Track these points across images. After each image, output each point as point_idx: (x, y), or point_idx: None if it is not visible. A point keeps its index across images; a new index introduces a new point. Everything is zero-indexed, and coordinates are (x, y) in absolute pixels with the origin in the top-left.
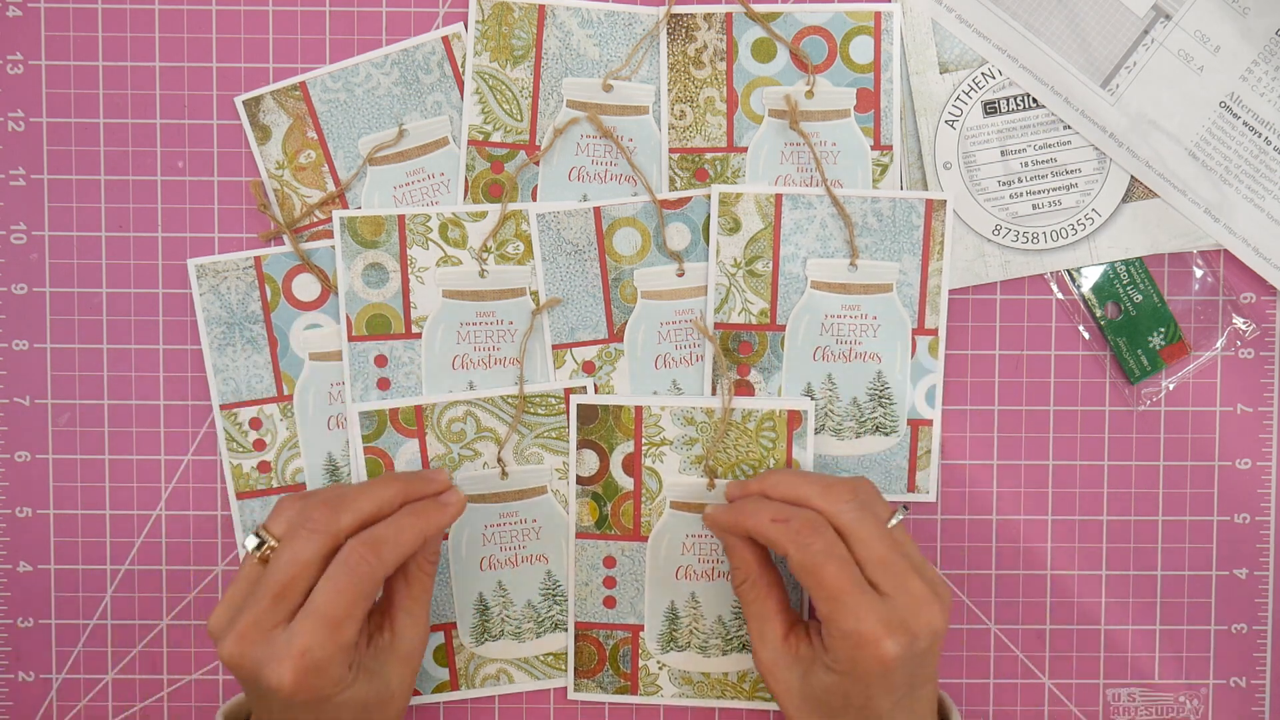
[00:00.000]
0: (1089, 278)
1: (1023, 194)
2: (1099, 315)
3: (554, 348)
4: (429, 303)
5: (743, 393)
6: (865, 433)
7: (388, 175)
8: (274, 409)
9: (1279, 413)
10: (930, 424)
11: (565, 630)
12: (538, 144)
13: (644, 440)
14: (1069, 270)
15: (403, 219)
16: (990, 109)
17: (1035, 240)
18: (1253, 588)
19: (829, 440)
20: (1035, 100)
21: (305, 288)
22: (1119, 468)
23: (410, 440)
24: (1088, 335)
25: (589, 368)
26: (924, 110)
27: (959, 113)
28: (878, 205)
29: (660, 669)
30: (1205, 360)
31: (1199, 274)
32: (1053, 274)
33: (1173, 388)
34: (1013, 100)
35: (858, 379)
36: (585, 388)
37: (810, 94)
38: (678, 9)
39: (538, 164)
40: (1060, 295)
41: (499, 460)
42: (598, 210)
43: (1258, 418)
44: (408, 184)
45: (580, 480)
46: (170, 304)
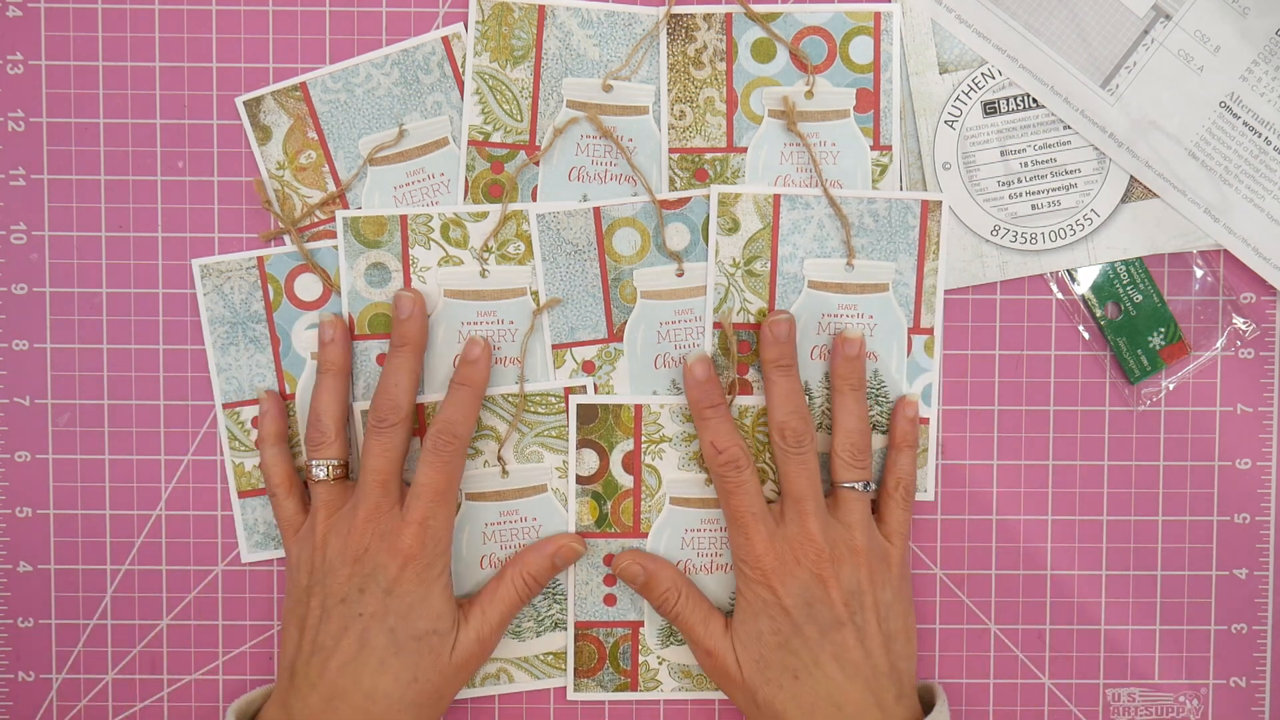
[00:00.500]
0: (1089, 278)
1: (1022, 194)
2: (1099, 315)
3: (554, 347)
4: (430, 302)
5: (742, 391)
6: None
7: (388, 175)
8: None
9: (1279, 413)
10: (927, 423)
11: (565, 629)
12: (538, 144)
13: (644, 438)
14: (1069, 270)
15: (405, 219)
16: (990, 109)
17: (1034, 241)
18: (1253, 588)
19: (826, 438)
20: (1035, 100)
21: (307, 287)
22: (1119, 468)
23: (412, 438)
24: (1088, 335)
25: (589, 367)
26: (923, 110)
27: (958, 113)
28: (874, 206)
29: (660, 664)
30: (1205, 360)
31: (1199, 274)
32: (1053, 274)
33: (1173, 388)
34: (1012, 100)
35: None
36: (585, 387)
37: (810, 94)
38: (678, 9)
39: (538, 164)
40: (1060, 295)
41: (499, 458)
42: (598, 210)
43: (1258, 418)
44: (408, 184)
45: (580, 480)
46: (170, 304)
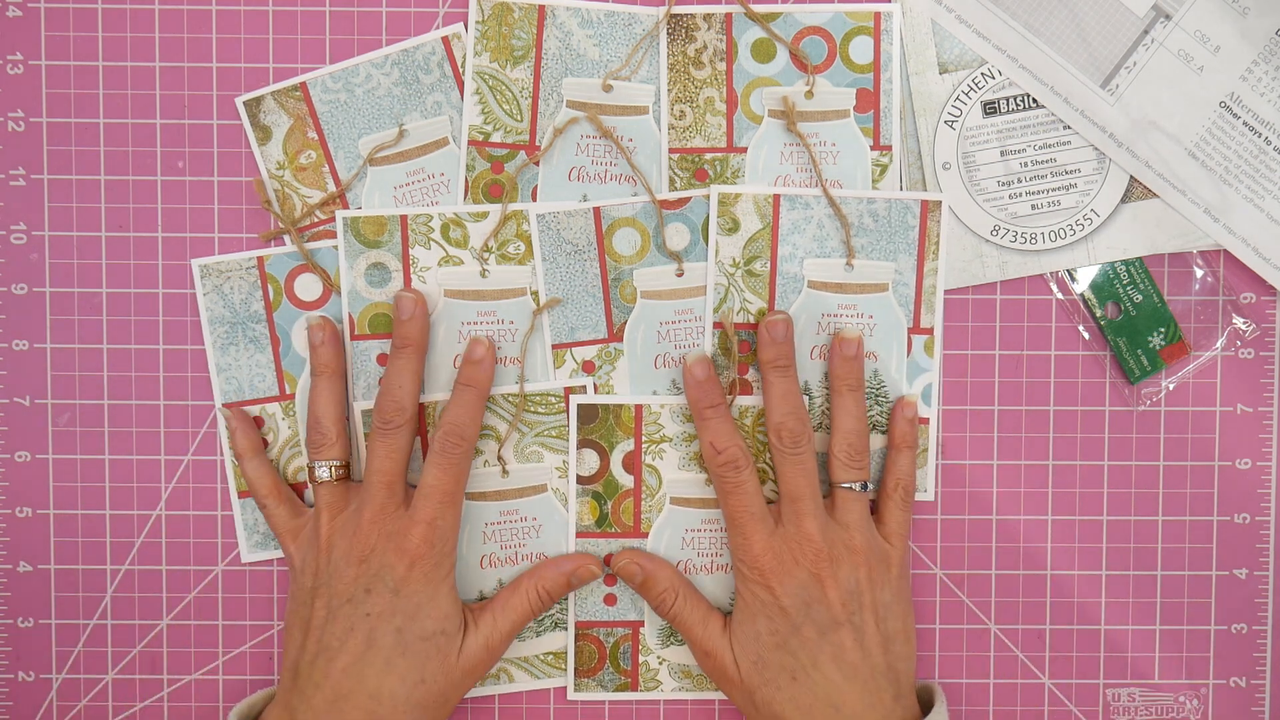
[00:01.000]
0: (1088, 278)
1: (1022, 194)
2: (1099, 315)
3: (554, 347)
4: (431, 302)
5: (743, 392)
6: None
7: (388, 175)
8: (276, 408)
9: (1279, 413)
10: (927, 423)
11: (565, 629)
12: (538, 144)
13: (644, 438)
14: (1069, 270)
15: (405, 219)
16: (990, 109)
17: (1033, 241)
18: (1253, 588)
19: (826, 438)
20: (1035, 100)
21: (307, 287)
22: (1119, 468)
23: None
24: (1088, 335)
25: (589, 367)
26: (923, 110)
27: (958, 113)
28: (873, 206)
29: (660, 664)
30: (1205, 360)
31: (1199, 274)
32: (1053, 274)
33: (1173, 388)
34: (1012, 100)
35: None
36: (585, 387)
37: (810, 94)
38: (678, 9)
39: (538, 164)
40: (1060, 295)
41: (499, 458)
42: (598, 210)
43: (1258, 418)
44: (408, 184)
45: (581, 480)
46: (171, 304)
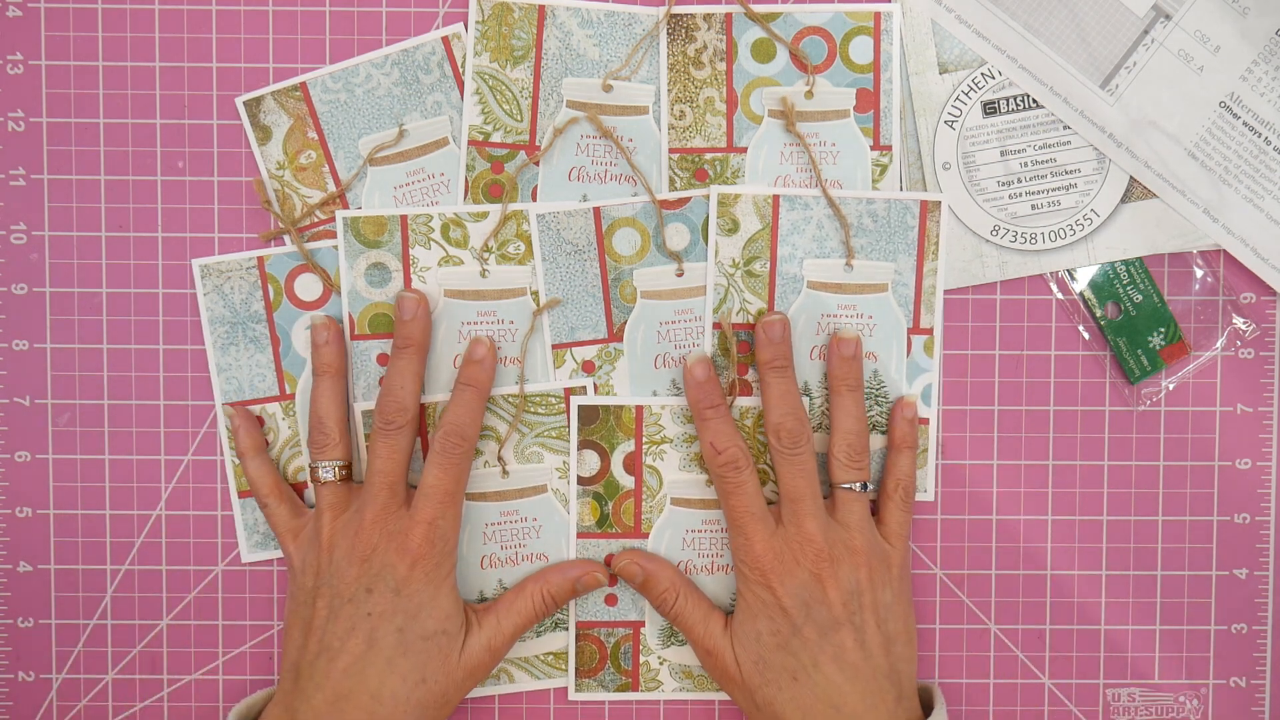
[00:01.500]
0: (1088, 278)
1: (1022, 194)
2: (1099, 315)
3: (554, 347)
4: (431, 302)
5: (743, 392)
6: None
7: (388, 175)
8: (276, 408)
9: (1279, 413)
10: (927, 423)
11: (566, 630)
12: (538, 144)
13: (645, 439)
14: (1069, 270)
15: (405, 219)
16: (990, 109)
17: (1033, 241)
18: (1253, 588)
19: (825, 439)
20: (1035, 100)
21: (307, 288)
22: (1119, 468)
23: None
24: (1088, 335)
25: (589, 367)
26: (923, 110)
27: (958, 113)
28: (873, 206)
29: (661, 664)
30: (1205, 360)
31: (1199, 274)
32: (1052, 274)
33: (1173, 388)
34: (1012, 100)
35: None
36: (585, 387)
37: (810, 94)
38: (678, 9)
39: (538, 164)
40: (1060, 295)
41: (499, 459)
42: (597, 210)
43: (1258, 418)
44: (408, 184)
45: (581, 480)
46: (171, 304)
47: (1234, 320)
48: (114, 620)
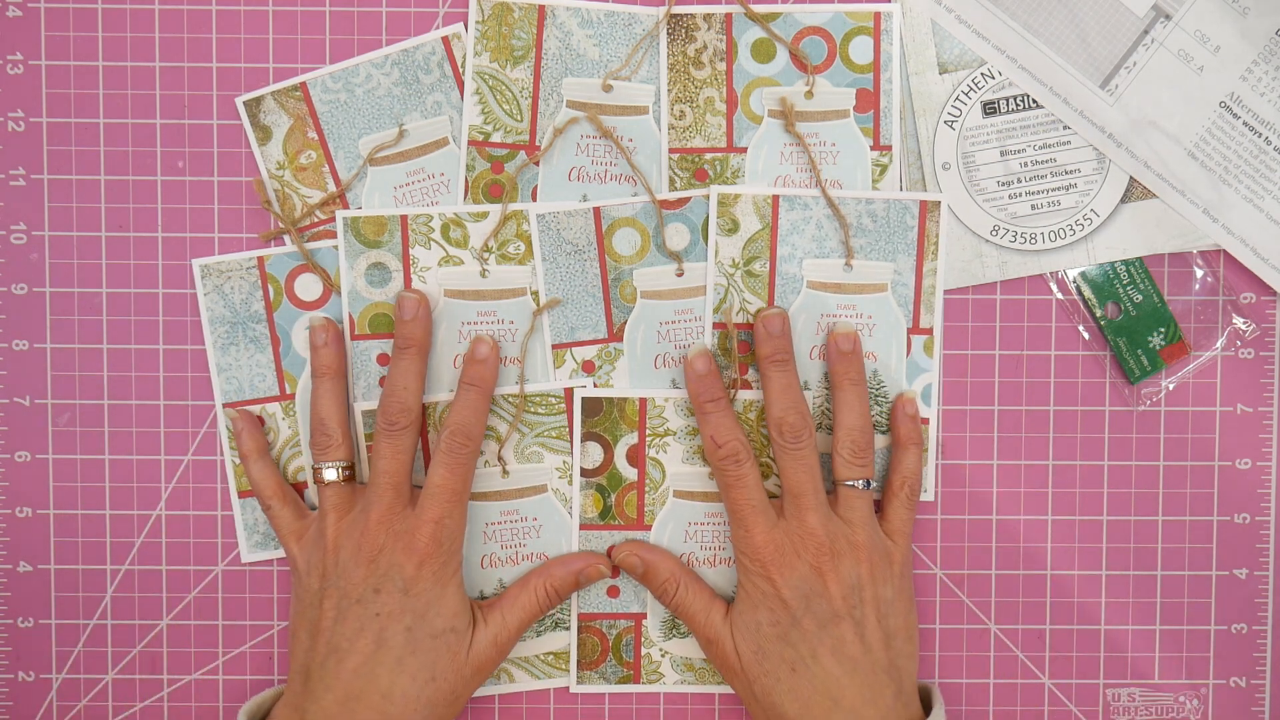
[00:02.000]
0: (1089, 278)
1: (1021, 194)
2: (1099, 315)
3: (554, 347)
4: (431, 302)
5: (744, 386)
6: None
7: (388, 175)
8: (276, 408)
9: (1279, 413)
10: (927, 423)
11: (566, 629)
12: (538, 144)
13: (648, 431)
14: (1068, 270)
15: (405, 219)
16: (989, 109)
17: (1033, 241)
18: (1253, 588)
19: (826, 437)
20: (1035, 100)
21: (307, 288)
22: (1119, 468)
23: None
24: (1088, 335)
25: (589, 367)
26: (923, 110)
27: (958, 113)
28: (872, 206)
29: (663, 656)
30: (1205, 360)
31: (1199, 274)
32: (1052, 274)
33: (1173, 388)
34: (1012, 100)
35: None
36: (585, 387)
37: (810, 94)
38: (678, 9)
39: (538, 164)
40: (1060, 295)
41: (499, 458)
42: (597, 210)
43: (1258, 418)
44: (408, 184)
45: (585, 473)
46: (171, 304)
47: (1234, 320)
48: (114, 620)
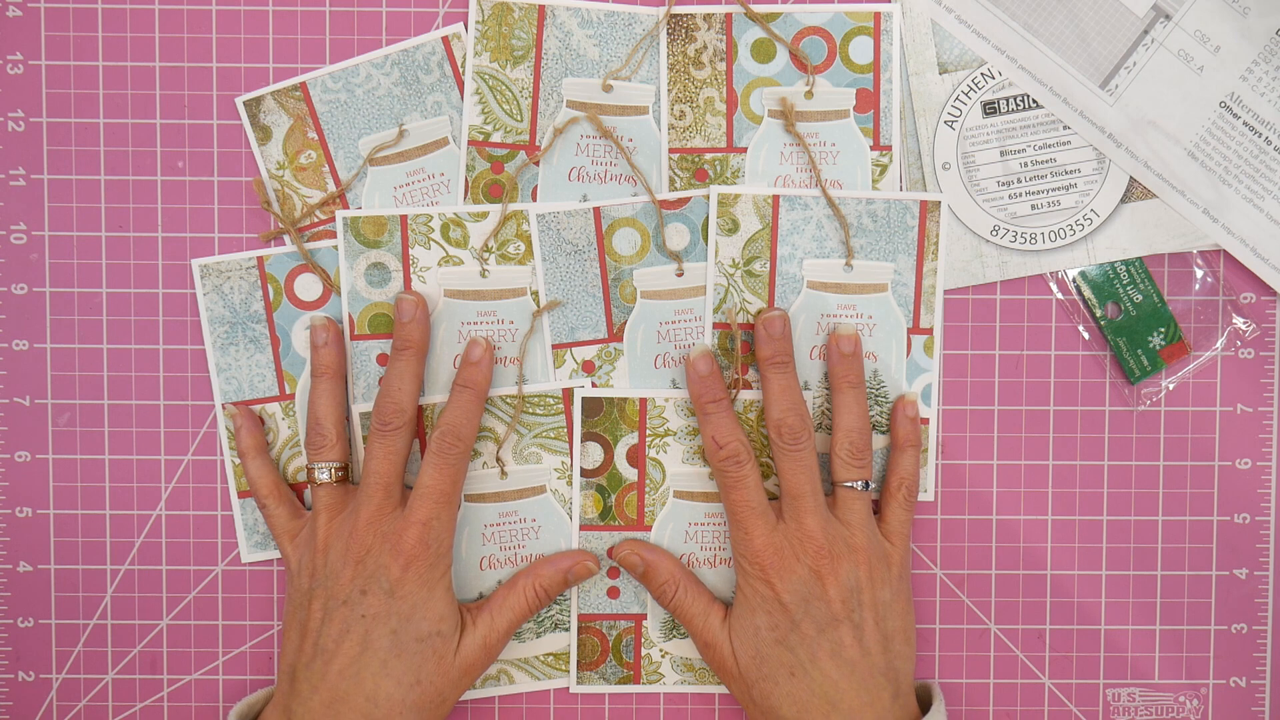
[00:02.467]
0: (1089, 278)
1: (1022, 194)
2: (1099, 315)
3: (554, 347)
4: (431, 302)
5: (745, 386)
6: None
7: (388, 175)
8: (276, 408)
9: (1279, 413)
10: (927, 423)
11: (566, 630)
12: (538, 144)
13: (648, 431)
14: (1068, 270)
15: (405, 219)
16: (989, 109)
17: (1033, 241)
18: (1253, 588)
19: (826, 438)
20: (1034, 100)
21: (307, 288)
22: (1119, 468)
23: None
24: (1088, 335)
25: (589, 367)
26: (923, 110)
27: (958, 113)
28: (872, 206)
29: (663, 657)
30: (1205, 360)
31: (1199, 274)
32: (1052, 274)
33: (1173, 388)
34: (1012, 100)
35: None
36: (584, 387)
37: (810, 94)
38: (678, 9)
39: (538, 164)
40: (1060, 295)
41: (498, 460)
42: (597, 210)
43: (1258, 418)
44: (408, 184)
45: (585, 473)
46: (170, 304)
47: (1234, 320)
48: (114, 620)
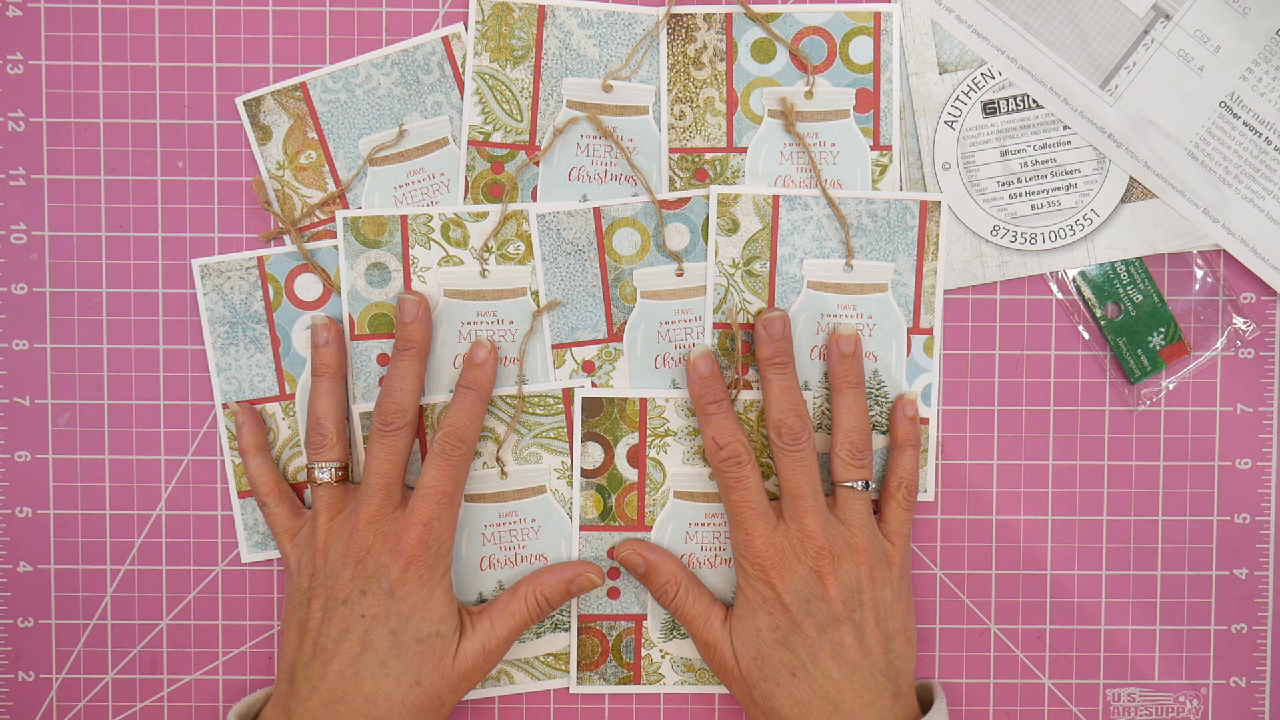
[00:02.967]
0: (1089, 278)
1: (1022, 194)
2: (1099, 315)
3: (554, 347)
4: (431, 302)
5: (745, 387)
6: None
7: (388, 175)
8: (276, 408)
9: (1279, 413)
10: (927, 423)
11: (566, 630)
12: (538, 144)
13: (648, 432)
14: (1068, 270)
15: (405, 219)
16: (989, 109)
17: (1034, 241)
18: (1253, 588)
19: (825, 438)
20: (1034, 100)
21: (307, 287)
22: (1119, 468)
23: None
24: (1088, 335)
25: (589, 367)
26: (923, 111)
27: (958, 113)
28: (873, 206)
29: (663, 657)
30: (1205, 360)
31: (1199, 274)
32: (1052, 274)
33: (1173, 388)
34: (1012, 100)
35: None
36: (584, 387)
37: (810, 94)
38: (678, 9)
39: (538, 164)
40: (1060, 295)
41: (498, 460)
42: (597, 210)
43: (1258, 418)
44: (408, 184)
45: (585, 473)
46: (170, 304)
47: (1234, 320)
48: (114, 620)
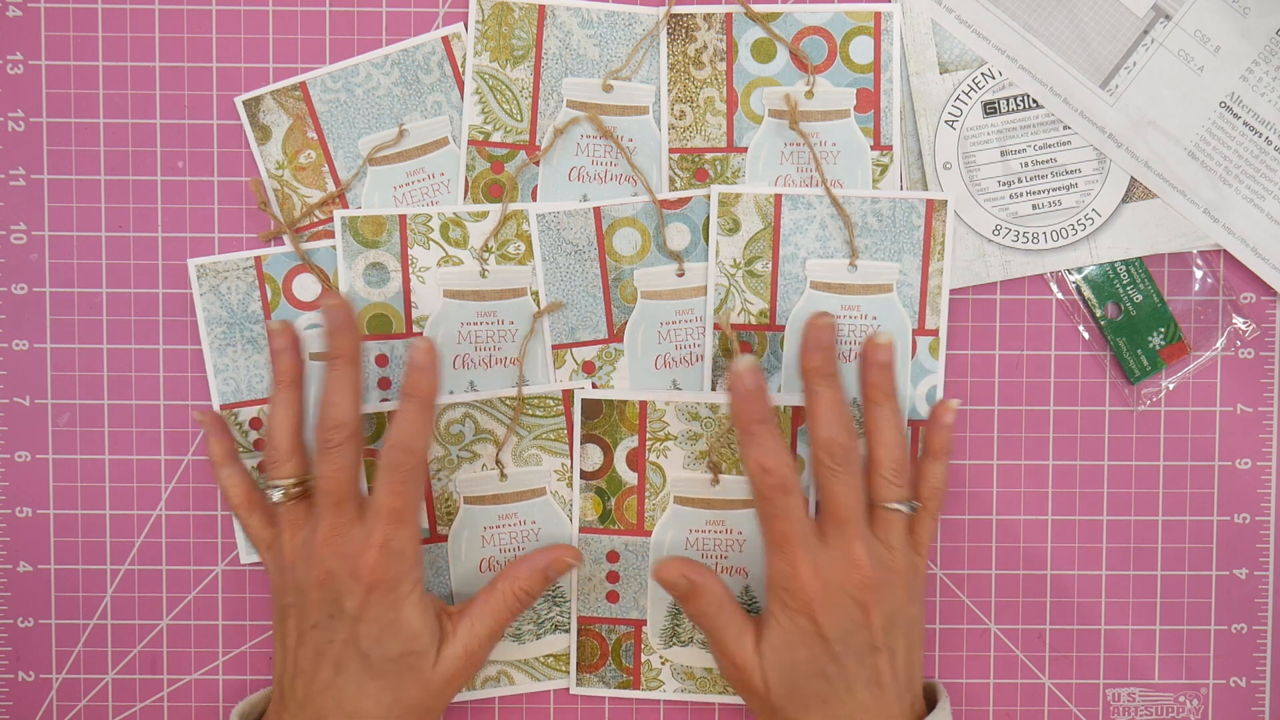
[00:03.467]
0: (1089, 278)
1: (1022, 194)
2: (1099, 315)
3: (554, 348)
4: (430, 303)
5: None
6: None
7: (388, 175)
8: None
9: (1279, 413)
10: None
11: (566, 631)
12: (538, 144)
13: (648, 435)
14: (1069, 270)
15: (404, 219)
16: (990, 109)
17: (1035, 240)
18: (1253, 588)
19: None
20: (1035, 100)
21: (305, 288)
22: (1119, 468)
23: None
24: (1088, 335)
25: (589, 368)
26: (924, 110)
27: (959, 113)
28: (877, 205)
29: (663, 664)
30: (1205, 360)
31: (1199, 274)
32: (1053, 274)
33: (1173, 388)
34: (1012, 100)
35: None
36: (584, 389)
37: (810, 94)
38: (678, 9)
39: (538, 164)
40: (1060, 295)
41: (497, 462)
42: (598, 210)
43: (1258, 418)
44: (408, 184)
45: (584, 475)
46: (170, 304)
47: (1234, 320)
48: (114, 620)
